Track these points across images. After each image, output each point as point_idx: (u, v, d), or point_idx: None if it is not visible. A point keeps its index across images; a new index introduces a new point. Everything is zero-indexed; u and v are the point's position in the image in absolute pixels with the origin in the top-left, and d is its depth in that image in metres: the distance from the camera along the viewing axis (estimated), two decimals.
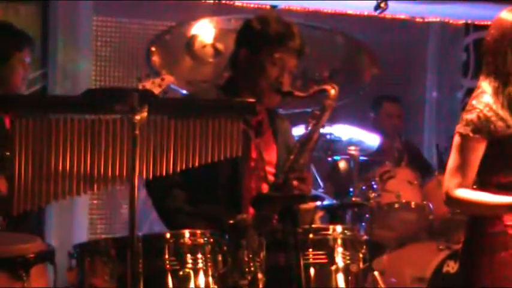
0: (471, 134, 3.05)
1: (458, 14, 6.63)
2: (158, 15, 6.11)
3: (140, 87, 4.40)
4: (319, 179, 5.53)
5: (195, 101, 3.27)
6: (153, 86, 4.48)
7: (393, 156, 5.74)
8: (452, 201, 3.09)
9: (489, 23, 6.91)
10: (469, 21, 6.82)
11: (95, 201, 5.96)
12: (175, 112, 2.94)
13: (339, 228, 3.26)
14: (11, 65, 4.12)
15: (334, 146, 5.27)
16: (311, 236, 3.17)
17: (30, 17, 5.89)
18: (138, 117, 2.76)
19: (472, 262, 3.12)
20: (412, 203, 5.31)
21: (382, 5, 5.68)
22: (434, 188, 5.34)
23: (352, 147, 5.26)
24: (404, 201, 5.30)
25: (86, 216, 5.85)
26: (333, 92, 3.55)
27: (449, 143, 6.04)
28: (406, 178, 5.38)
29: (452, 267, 4.97)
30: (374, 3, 5.81)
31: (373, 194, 5.22)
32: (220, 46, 6.02)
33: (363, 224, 5.25)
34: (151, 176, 2.90)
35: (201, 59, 6.07)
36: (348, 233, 3.27)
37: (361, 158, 5.29)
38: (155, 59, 6.03)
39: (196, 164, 2.95)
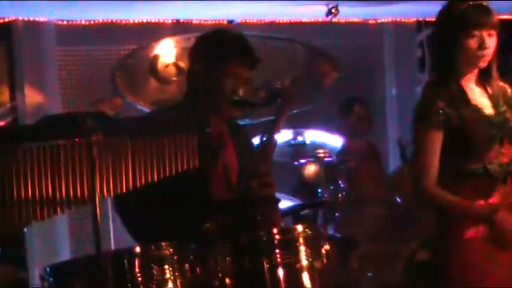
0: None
1: (410, 13, 6.79)
2: (120, 40, 6.23)
3: (99, 109, 4.55)
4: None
5: (148, 119, 3.39)
6: (106, 109, 4.63)
7: (358, 155, 5.87)
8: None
9: None
10: (421, 19, 7.00)
11: (76, 222, 6.01)
12: (131, 131, 3.04)
13: (299, 227, 3.31)
14: None
15: (299, 150, 5.39)
16: (274, 237, 3.22)
17: None
18: (94, 138, 2.89)
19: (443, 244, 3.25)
20: (380, 198, 5.45)
21: (334, 10, 5.84)
22: (399, 180, 5.50)
23: (321, 150, 5.41)
24: (371, 196, 5.43)
25: (67, 237, 5.94)
26: (286, 98, 3.64)
27: (411, 137, 6.22)
28: (372, 174, 5.52)
29: (424, 255, 5.09)
30: (326, 9, 5.97)
31: (341, 193, 5.35)
32: (182, 64, 6.16)
33: (334, 222, 5.39)
34: (112, 195, 3.02)
35: (164, 78, 6.21)
36: (308, 231, 3.31)
37: (327, 159, 5.43)
38: (120, 83, 6.17)
39: (155, 179, 3.04)
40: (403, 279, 5.07)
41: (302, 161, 5.53)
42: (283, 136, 5.19)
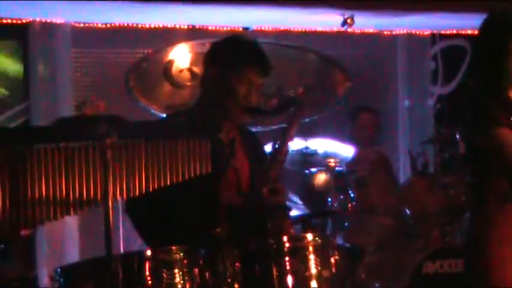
0: None
1: (424, 25, 6.82)
2: (135, 44, 6.26)
3: (82, 112, 4.62)
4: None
5: (162, 123, 3.41)
6: (91, 111, 4.69)
7: (367, 164, 5.88)
8: None
9: (454, 31, 7.14)
10: (435, 31, 7.02)
11: (86, 223, 6.03)
12: (145, 135, 3.07)
13: (309, 235, 3.35)
14: None
15: (310, 159, 5.42)
16: (284, 245, 3.24)
17: (11, 52, 6.07)
18: (108, 141, 2.92)
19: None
20: (389, 208, 5.46)
21: (349, 20, 5.86)
22: (409, 191, 5.51)
23: (331, 160, 5.43)
24: (381, 206, 5.45)
25: (76, 238, 5.97)
26: (298, 107, 3.66)
27: (421, 148, 6.25)
28: (381, 185, 5.54)
29: (430, 268, 5.11)
30: (341, 19, 6.00)
31: (350, 202, 5.37)
32: (196, 69, 6.18)
33: (343, 231, 5.41)
34: (124, 197, 3.05)
35: (178, 83, 6.24)
36: (318, 239, 3.35)
37: (338, 168, 5.45)
38: (134, 86, 6.20)
39: (168, 183, 3.07)
40: None
41: (313, 169, 5.55)
42: (295, 144, 5.21)
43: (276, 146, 3.59)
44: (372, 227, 5.47)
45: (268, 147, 3.87)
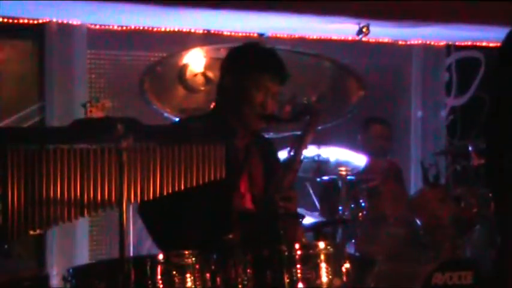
0: None
1: (440, 36, 6.82)
2: (149, 47, 6.27)
3: (88, 111, 4.66)
4: (315, 200, 5.69)
5: (178, 127, 3.42)
6: (97, 110, 4.72)
7: (379, 174, 5.88)
8: None
9: (470, 43, 7.14)
10: (450, 42, 7.02)
11: (97, 225, 6.07)
12: (160, 139, 3.09)
13: (321, 244, 3.34)
14: None
15: (322, 167, 5.42)
16: (296, 253, 3.24)
17: (27, 52, 6.09)
18: (124, 144, 2.93)
19: None
20: (400, 218, 5.46)
21: (364, 29, 5.87)
22: (420, 202, 5.51)
23: (343, 168, 5.43)
24: (391, 216, 5.44)
25: (87, 239, 5.99)
26: (314, 115, 3.66)
27: (433, 159, 6.24)
28: (392, 194, 5.53)
29: (440, 279, 5.10)
30: (357, 28, 6.00)
31: (361, 211, 5.37)
32: (210, 74, 6.20)
33: (353, 240, 5.40)
34: (139, 200, 3.06)
35: (192, 87, 6.25)
36: (330, 248, 3.34)
37: (349, 177, 5.45)
38: (148, 89, 6.22)
39: (182, 187, 3.08)
40: None
41: (324, 177, 5.55)
42: (307, 152, 5.21)
43: (291, 153, 3.59)
44: (382, 237, 5.46)
45: (282, 154, 3.89)
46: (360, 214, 5.38)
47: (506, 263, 3.16)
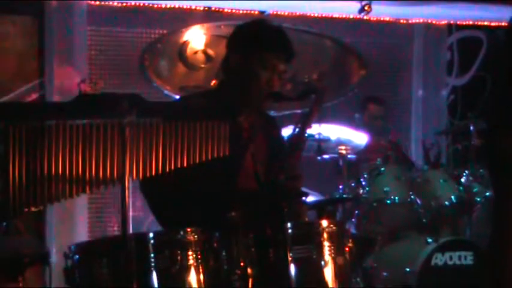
0: None
1: (441, 15, 6.78)
2: (150, 24, 6.24)
3: (82, 89, 4.64)
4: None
5: (182, 104, 3.39)
6: (91, 89, 4.71)
7: (380, 154, 5.87)
8: None
9: (471, 22, 7.09)
10: (452, 22, 6.99)
11: (95, 202, 6.06)
12: (164, 115, 3.06)
13: (324, 222, 3.33)
14: None
15: (323, 145, 5.39)
16: (299, 231, 3.23)
17: (26, 28, 6.04)
18: (127, 120, 2.89)
19: None
20: (400, 198, 5.45)
21: (366, 7, 5.84)
22: (421, 181, 5.50)
23: (343, 147, 5.41)
24: (392, 196, 5.43)
25: (86, 216, 5.96)
26: (320, 94, 3.64)
27: (434, 139, 6.22)
28: (394, 174, 5.51)
29: (440, 259, 5.10)
30: (359, 6, 5.96)
31: (362, 190, 5.36)
32: (211, 52, 6.18)
33: (353, 219, 5.39)
34: (141, 177, 3.04)
35: (192, 65, 6.23)
36: (333, 227, 3.33)
37: (350, 156, 5.43)
38: (148, 66, 6.19)
39: (185, 164, 3.05)
40: (417, 282, 5.06)
41: (325, 156, 5.52)
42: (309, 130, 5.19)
43: (295, 132, 3.57)
44: (383, 217, 5.45)
45: (285, 132, 3.87)
46: (360, 193, 5.36)
47: (497, 248, 3.13)
